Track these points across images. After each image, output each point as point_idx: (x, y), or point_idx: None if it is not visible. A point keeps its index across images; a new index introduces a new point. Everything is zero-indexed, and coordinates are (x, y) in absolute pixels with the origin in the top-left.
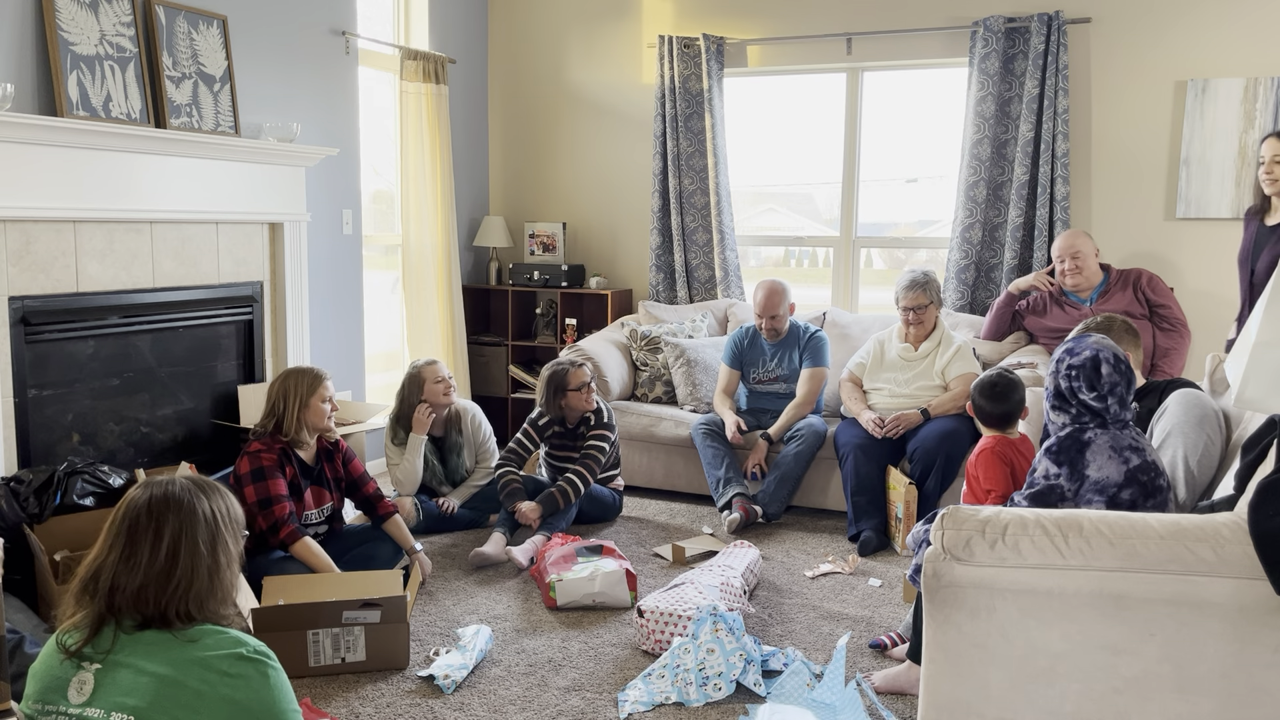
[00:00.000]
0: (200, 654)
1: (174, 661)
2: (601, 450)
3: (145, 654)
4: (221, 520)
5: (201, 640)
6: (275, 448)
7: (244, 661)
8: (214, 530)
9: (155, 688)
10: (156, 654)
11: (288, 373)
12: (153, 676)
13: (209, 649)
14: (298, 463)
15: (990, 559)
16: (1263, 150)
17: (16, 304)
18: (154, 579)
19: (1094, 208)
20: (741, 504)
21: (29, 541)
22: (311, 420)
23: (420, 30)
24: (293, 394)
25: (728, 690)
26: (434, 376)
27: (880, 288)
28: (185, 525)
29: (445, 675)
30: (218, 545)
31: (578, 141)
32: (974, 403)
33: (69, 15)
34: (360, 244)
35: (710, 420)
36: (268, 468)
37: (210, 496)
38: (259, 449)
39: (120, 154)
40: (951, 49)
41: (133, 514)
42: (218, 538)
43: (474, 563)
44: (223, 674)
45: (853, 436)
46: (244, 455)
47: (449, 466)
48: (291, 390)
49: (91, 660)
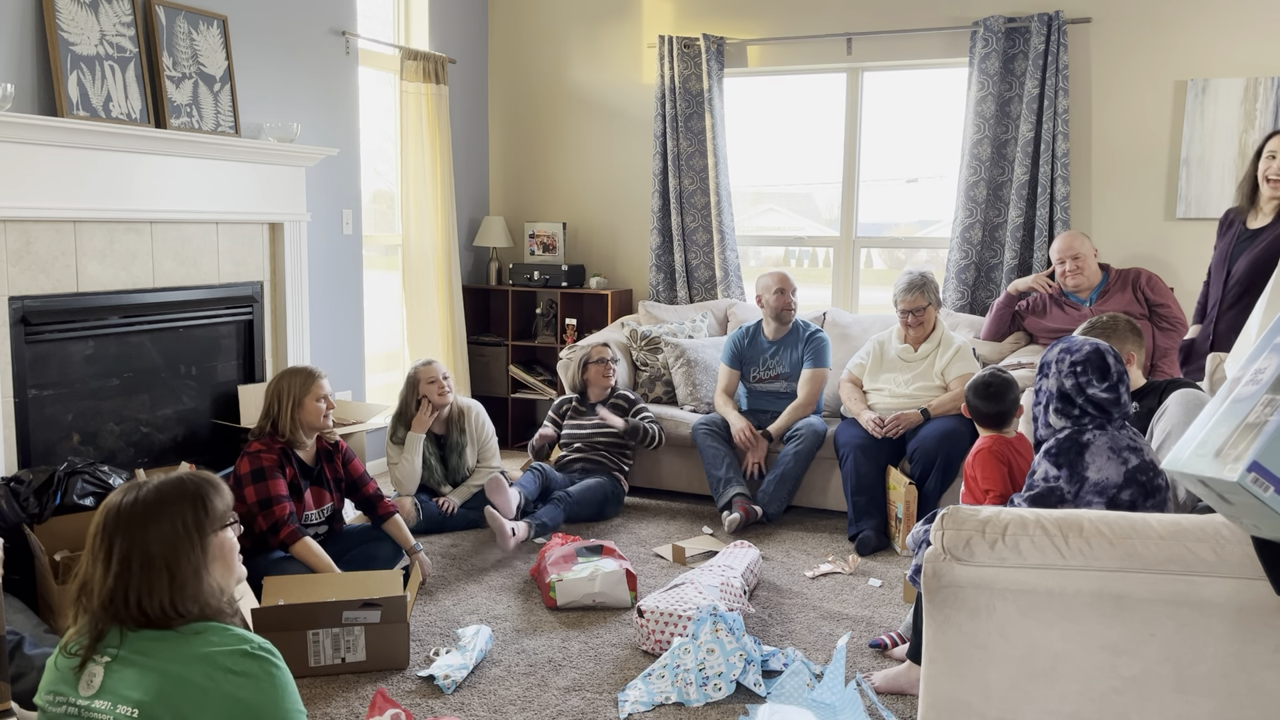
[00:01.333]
0: (205, 650)
1: (179, 657)
2: (650, 417)
3: (151, 650)
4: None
5: (206, 636)
6: (275, 448)
7: (249, 658)
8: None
9: (160, 683)
10: (162, 650)
11: (282, 373)
12: (158, 672)
13: (213, 645)
14: (297, 463)
15: (990, 559)
16: (1272, 145)
17: (16, 304)
18: (136, 584)
19: (1094, 208)
20: (742, 504)
21: (29, 541)
22: (307, 420)
23: (420, 30)
24: (286, 394)
25: (728, 690)
26: (429, 376)
27: (880, 288)
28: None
29: (445, 675)
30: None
31: (578, 141)
32: (969, 403)
33: (69, 15)
34: (360, 244)
35: (711, 420)
36: (268, 468)
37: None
38: (259, 449)
39: (120, 154)
40: (951, 49)
41: (107, 522)
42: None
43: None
44: (227, 671)
45: (852, 436)
46: (244, 455)
47: (450, 466)
48: (285, 391)
49: (101, 654)
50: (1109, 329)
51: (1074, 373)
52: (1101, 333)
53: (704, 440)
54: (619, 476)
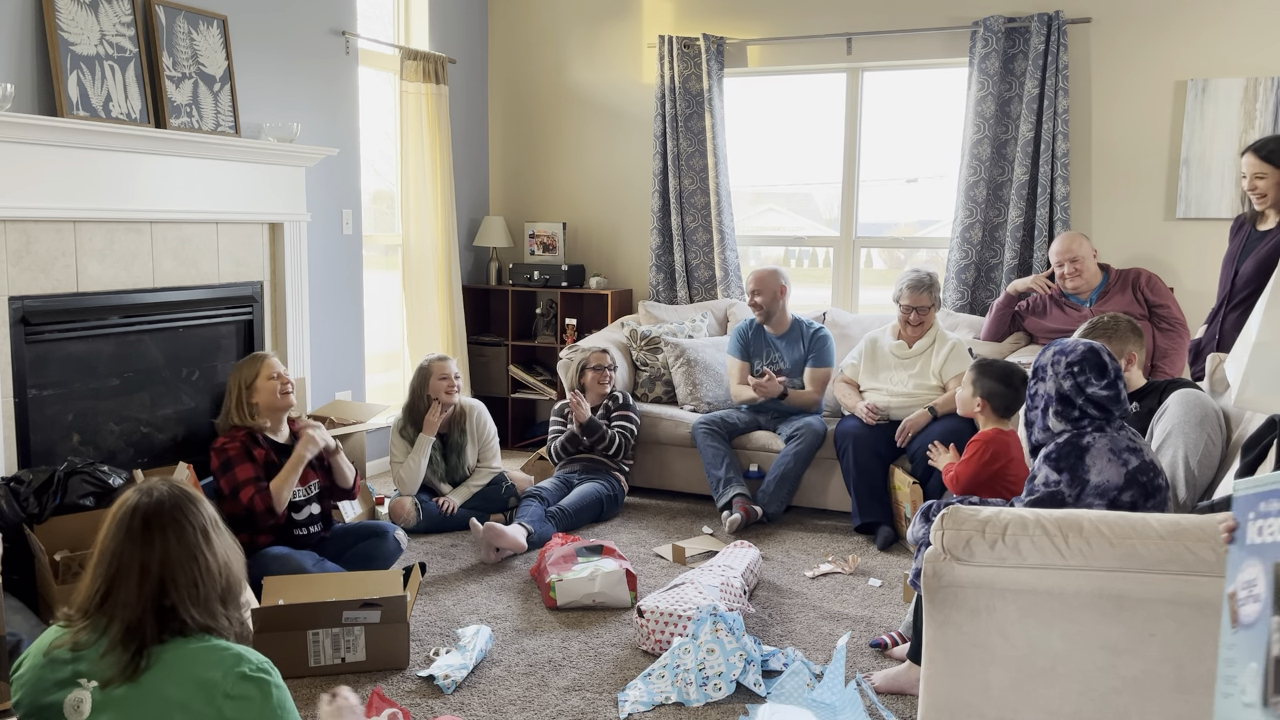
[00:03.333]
0: (204, 674)
1: (176, 682)
2: (633, 422)
3: (150, 677)
4: (209, 522)
5: (204, 658)
6: (238, 435)
7: (247, 681)
8: (207, 533)
9: (157, 711)
10: (158, 677)
11: (234, 367)
12: (156, 699)
13: (212, 668)
14: (270, 444)
15: (990, 559)
16: (1242, 165)
17: (16, 304)
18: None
19: (1094, 208)
20: (742, 504)
21: (29, 541)
22: (264, 401)
23: (420, 30)
24: (234, 384)
25: (728, 690)
26: (440, 373)
27: (880, 288)
28: (183, 531)
29: (445, 675)
30: (213, 546)
31: (578, 141)
32: (985, 386)
33: (69, 15)
34: (360, 244)
35: (711, 420)
36: (233, 456)
37: (199, 503)
38: (223, 443)
39: (120, 154)
40: (951, 49)
41: (128, 523)
42: (211, 540)
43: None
44: (226, 695)
45: (850, 428)
46: (211, 451)
47: (450, 465)
48: (232, 381)
49: (89, 678)
50: (1110, 329)
51: (1072, 373)
52: (1102, 333)
53: (704, 440)
54: (618, 477)
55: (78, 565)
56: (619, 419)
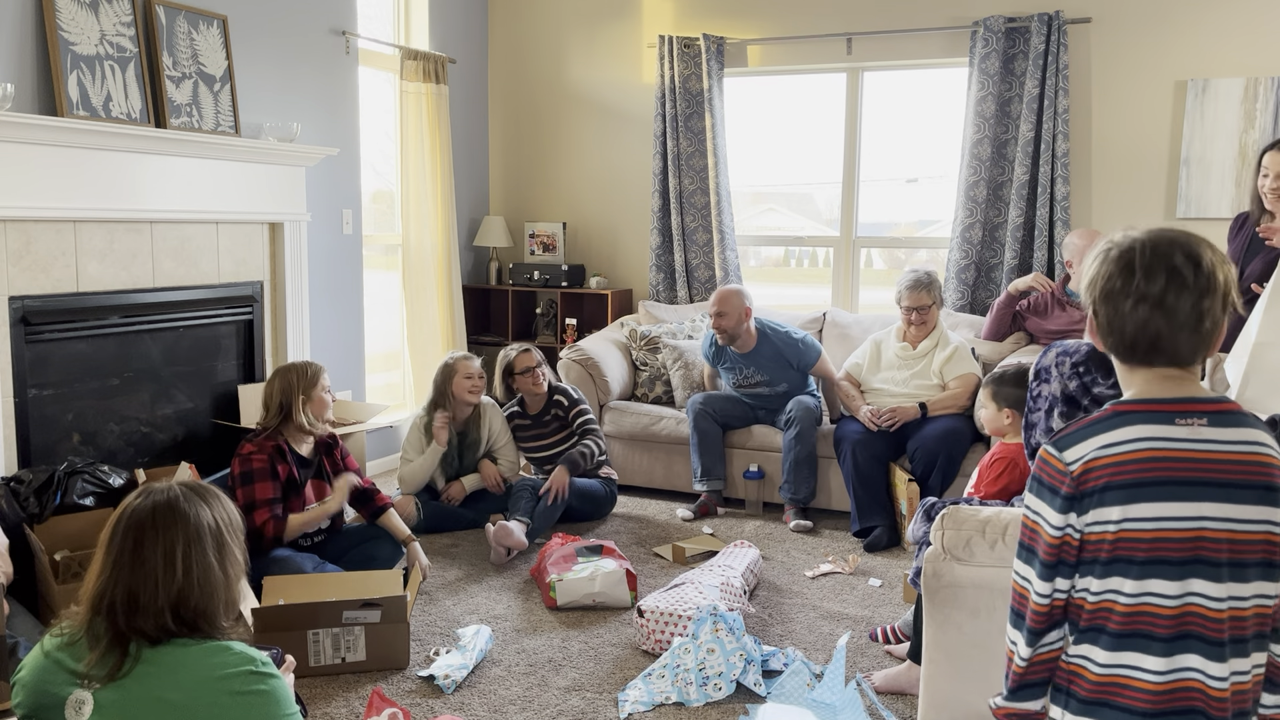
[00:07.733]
0: (211, 675)
1: (181, 685)
2: (594, 422)
3: (152, 678)
4: (225, 528)
5: (210, 660)
6: (268, 447)
7: (255, 677)
8: (219, 538)
9: (159, 712)
10: (164, 678)
11: (284, 369)
12: (159, 701)
13: (220, 669)
14: (295, 457)
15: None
16: (1265, 163)
17: (16, 304)
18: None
19: (1094, 208)
20: (707, 503)
21: (29, 541)
22: (316, 411)
23: (420, 30)
24: (296, 387)
25: (728, 690)
26: (465, 371)
27: (880, 288)
28: (192, 534)
29: (445, 675)
30: (224, 553)
31: (578, 141)
32: (1009, 395)
33: (69, 15)
34: (360, 244)
35: (709, 399)
36: (256, 470)
37: (210, 504)
38: (250, 451)
39: (120, 154)
40: (951, 49)
41: (136, 524)
42: (224, 546)
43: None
44: (234, 694)
45: (850, 432)
46: (235, 457)
47: (464, 462)
48: (294, 384)
49: (91, 679)
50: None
51: (1077, 373)
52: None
53: (696, 420)
54: (602, 476)
55: (78, 565)
56: (580, 424)
